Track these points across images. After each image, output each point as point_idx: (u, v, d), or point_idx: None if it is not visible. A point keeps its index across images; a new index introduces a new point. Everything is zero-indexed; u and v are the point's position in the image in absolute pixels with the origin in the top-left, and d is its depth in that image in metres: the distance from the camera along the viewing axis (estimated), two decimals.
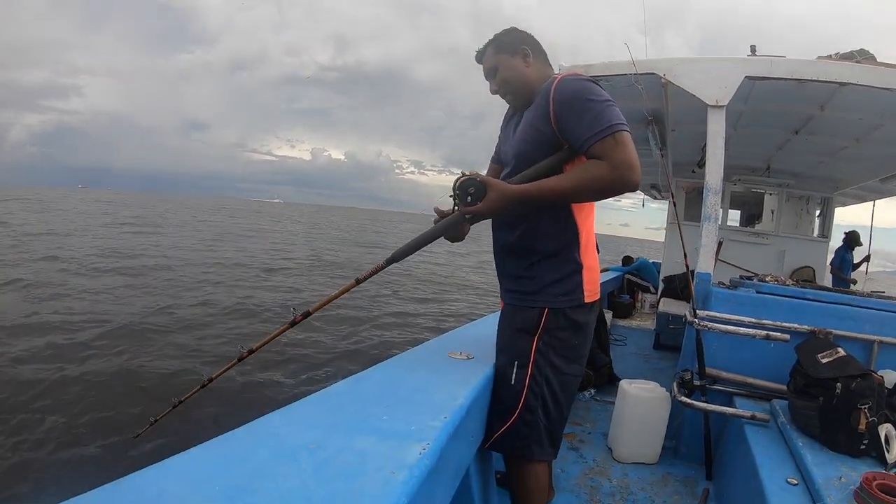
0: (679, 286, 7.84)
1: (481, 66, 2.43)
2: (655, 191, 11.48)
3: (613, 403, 4.20)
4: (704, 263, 4.00)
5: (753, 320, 3.54)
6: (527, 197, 2.02)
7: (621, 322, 8.03)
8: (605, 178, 1.92)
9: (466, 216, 2.09)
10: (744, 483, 2.85)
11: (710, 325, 3.50)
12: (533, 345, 2.19)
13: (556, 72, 2.36)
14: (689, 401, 3.49)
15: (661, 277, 8.97)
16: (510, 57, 2.30)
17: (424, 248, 2.29)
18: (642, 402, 3.88)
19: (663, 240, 9.45)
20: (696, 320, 3.54)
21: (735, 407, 3.45)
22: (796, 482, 2.46)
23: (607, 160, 1.91)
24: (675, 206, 5.53)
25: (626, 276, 9.81)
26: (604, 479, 3.60)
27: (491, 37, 2.38)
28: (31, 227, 29.66)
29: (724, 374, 3.71)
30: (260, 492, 1.08)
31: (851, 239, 10.18)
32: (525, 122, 2.26)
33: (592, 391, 5.23)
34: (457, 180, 2.07)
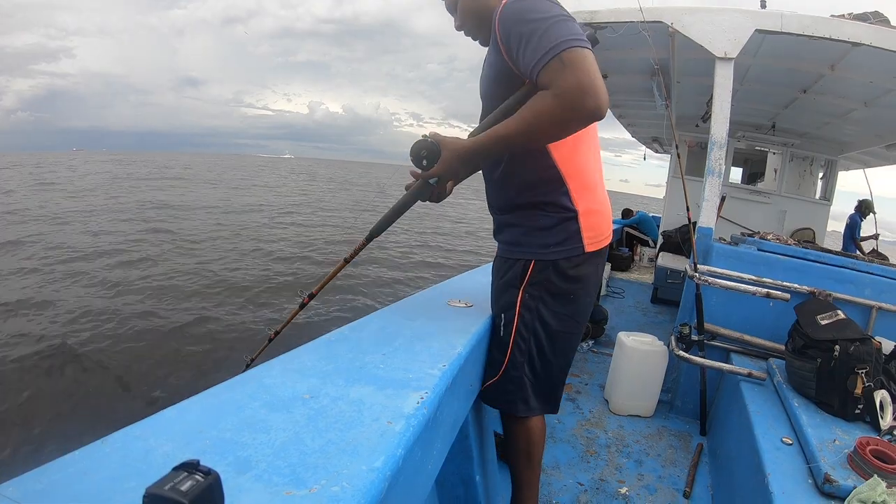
0: (679, 239, 7.85)
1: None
2: (658, 144, 11.41)
3: (611, 355, 4.24)
4: (707, 218, 3.98)
5: (754, 278, 3.53)
6: (480, 149, 1.82)
7: (620, 275, 8.08)
8: (550, 111, 1.63)
9: (429, 180, 1.95)
10: (738, 440, 2.88)
11: (710, 279, 3.50)
12: (518, 297, 2.07)
13: None
14: (686, 355, 3.52)
15: (661, 232, 8.94)
16: None
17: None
18: (639, 355, 3.92)
19: (663, 196, 9.41)
20: (697, 274, 3.54)
21: (732, 364, 3.47)
22: (790, 442, 2.49)
23: (553, 87, 1.61)
24: (679, 157, 5.48)
25: (626, 229, 9.82)
26: (599, 430, 3.65)
27: None
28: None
29: (723, 331, 3.73)
30: (252, 445, 1.06)
31: (865, 206, 10.08)
32: (486, 59, 2.07)
33: (590, 342, 5.28)
34: (413, 146, 1.93)
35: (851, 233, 10.22)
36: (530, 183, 2.04)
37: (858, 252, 8.86)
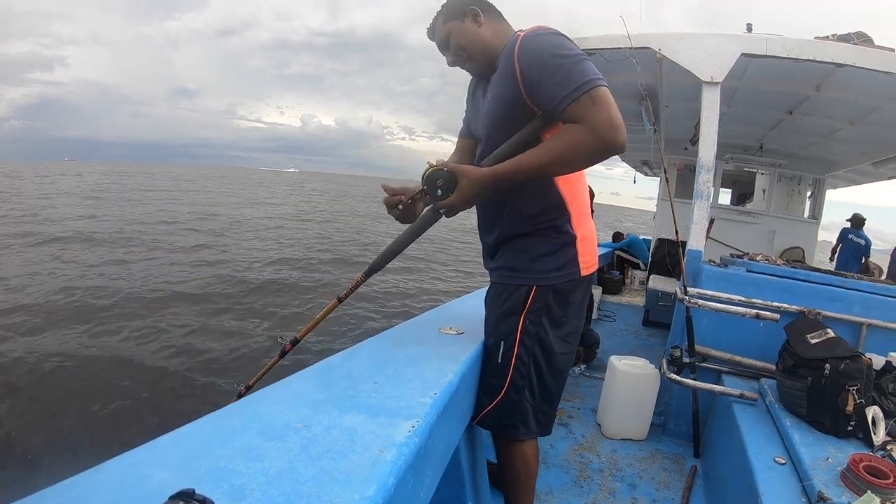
0: (668, 256, 7.88)
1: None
2: (647, 167, 11.48)
3: (603, 379, 4.22)
4: (696, 241, 4.00)
5: (743, 299, 3.54)
6: (501, 178, 1.87)
7: (611, 298, 8.07)
8: (585, 143, 1.74)
9: (441, 211, 1.99)
10: (731, 461, 2.87)
11: (700, 302, 3.50)
12: (519, 324, 2.10)
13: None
14: (678, 378, 3.51)
15: (651, 246, 8.98)
16: (460, 21, 2.12)
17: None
18: (631, 379, 3.90)
19: (654, 209, 9.46)
20: (687, 297, 3.55)
21: (724, 385, 3.47)
22: (784, 461, 2.48)
23: (585, 123, 1.72)
24: (667, 181, 5.51)
25: (616, 252, 9.85)
26: (592, 454, 3.63)
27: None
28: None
29: (714, 352, 3.73)
30: (246, 473, 1.06)
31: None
32: (492, 90, 2.09)
33: (582, 367, 5.26)
34: (424, 173, 1.94)
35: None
36: (538, 211, 2.09)
37: None
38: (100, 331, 9.25)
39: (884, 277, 9.07)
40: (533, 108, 1.93)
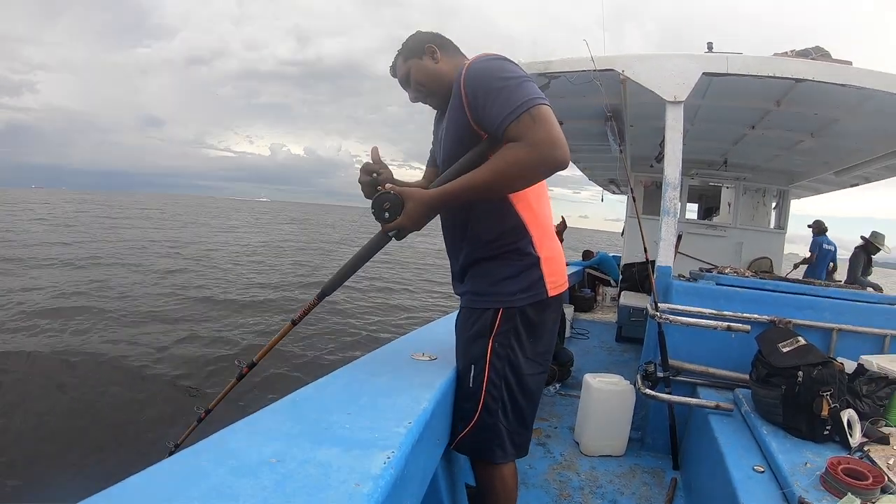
0: (637, 276, 7.93)
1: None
2: (614, 186, 11.60)
3: (578, 397, 4.21)
4: (664, 257, 4.02)
5: (714, 312, 3.57)
6: (447, 199, 1.89)
7: (583, 316, 8.07)
8: (525, 160, 1.75)
9: (390, 234, 1.99)
10: (710, 472, 2.87)
11: (671, 317, 3.54)
12: (489, 347, 2.09)
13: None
14: (653, 392, 3.52)
15: (621, 267, 9.04)
16: (418, 59, 2.22)
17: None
18: (606, 395, 3.90)
19: (621, 231, 9.54)
20: (658, 313, 3.57)
21: (699, 397, 3.48)
22: (762, 469, 2.48)
23: (524, 140, 1.73)
24: (634, 200, 5.57)
25: (587, 270, 9.89)
26: (572, 473, 3.61)
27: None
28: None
29: (687, 366, 3.75)
30: None
31: (870, 244, 10.06)
32: (446, 120, 2.13)
33: (557, 385, 5.25)
34: (373, 198, 1.95)
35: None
36: (497, 234, 2.09)
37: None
38: (53, 359, 9.07)
39: (842, 281, 9.25)
40: (480, 133, 1.96)
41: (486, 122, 1.87)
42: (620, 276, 8.92)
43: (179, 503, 1.04)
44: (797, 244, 11.76)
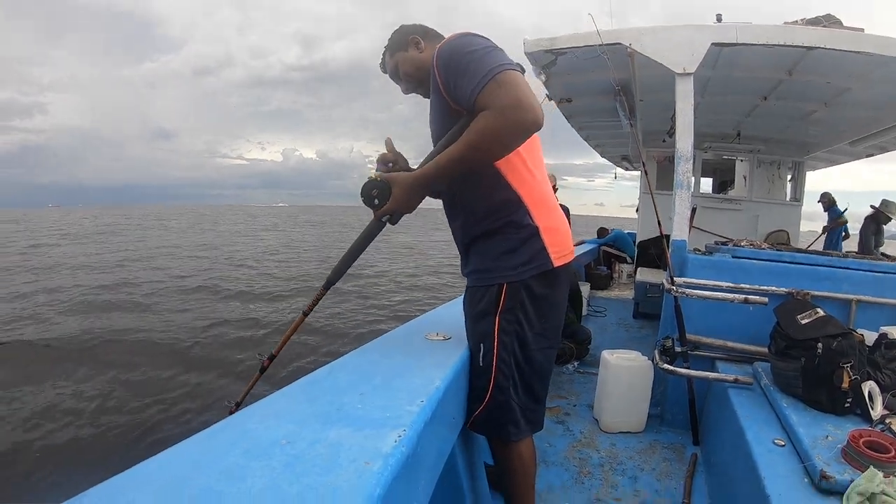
0: (655, 253, 7.89)
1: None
2: (627, 162, 11.52)
3: (597, 375, 4.21)
4: (679, 231, 3.99)
5: (731, 285, 3.54)
6: (431, 177, 1.92)
7: (600, 294, 8.07)
8: (494, 126, 1.75)
9: (383, 219, 2.04)
10: (731, 446, 2.86)
11: (687, 291, 3.51)
12: (495, 324, 2.08)
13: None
14: (671, 367, 3.50)
15: (637, 243, 9.03)
16: (404, 52, 2.27)
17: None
18: (625, 372, 3.89)
19: (636, 209, 9.47)
20: (674, 287, 3.55)
21: (717, 371, 3.46)
22: (783, 443, 2.47)
23: (492, 107, 1.74)
24: (646, 174, 5.51)
25: (602, 247, 9.86)
26: (591, 450, 3.61)
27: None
28: None
29: (705, 340, 3.73)
30: (229, 494, 1.03)
31: (881, 213, 10.01)
32: (430, 103, 2.18)
33: (575, 363, 5.24)
34: (361, 186, 2.01)
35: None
36: (491, 209, 2.10)
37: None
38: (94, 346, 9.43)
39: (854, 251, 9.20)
40: (458, 110, 1.95)
41: (460, 99, 1.88)
42: (637, 251, 8.89)
43: (192, 484, 1.06)
44: (814, 220, 11.71)
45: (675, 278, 3.67)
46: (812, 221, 11.46)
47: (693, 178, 4.36)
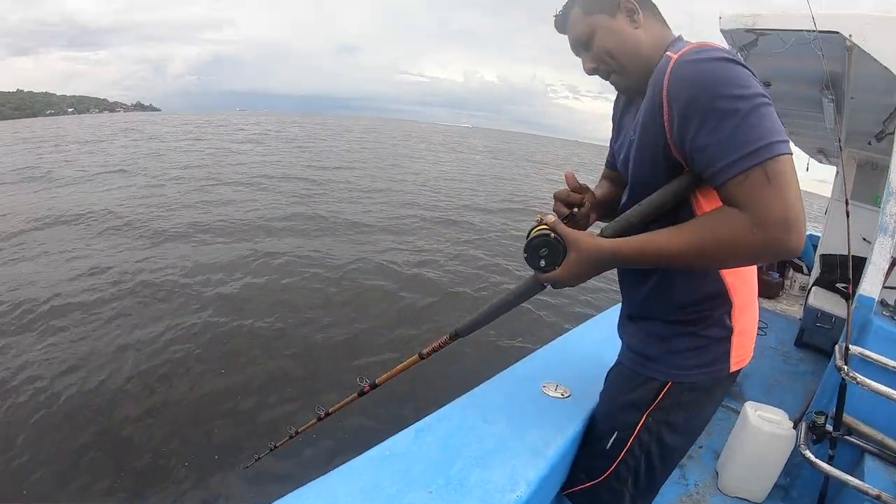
0: (837, 278, 7.13)
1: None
2: (822, 155, 10.50)
3: (738, 413, 3.81)
4: (870, 285, 3.39)
5: None
6: (622, 260, 1.49)
7: (766, 303, 7.41)
8: (746, 241, 1.27)
9: (544, 284, 1.66)
10: None
11: (858, 378, 2.92)
12: (641, 421, 1.78)
13: (678, 37, 1.65)
14: (812, 458, 3.04)
15: (818, 255, 7.89)
16: (609, 17, 1.62)
17: None
18: (764, 437, 3.49)
19: (829, 194, 8.43)
20: (846, 368, 2.96)
21: (864, 466, 3.03)
22: None
23: (751, 212, 1.25)
24: (844, 180, 4.75)
25: None
26: None
27: None
28: None
29: (863, 428, 3.25)
30: None
31: None
32: (639, 124, 1.57)
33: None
34: (529, 232, 1.58)
35: None
36: (691, 298, 1.68)
37: None
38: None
39: None
40: (679, 160, 1.47)
41: (694, 155, 1.38)
42: (817, 262, 7.96)
43: None
44: None
45: (850, 348, 3.11)
46: None
47: None
